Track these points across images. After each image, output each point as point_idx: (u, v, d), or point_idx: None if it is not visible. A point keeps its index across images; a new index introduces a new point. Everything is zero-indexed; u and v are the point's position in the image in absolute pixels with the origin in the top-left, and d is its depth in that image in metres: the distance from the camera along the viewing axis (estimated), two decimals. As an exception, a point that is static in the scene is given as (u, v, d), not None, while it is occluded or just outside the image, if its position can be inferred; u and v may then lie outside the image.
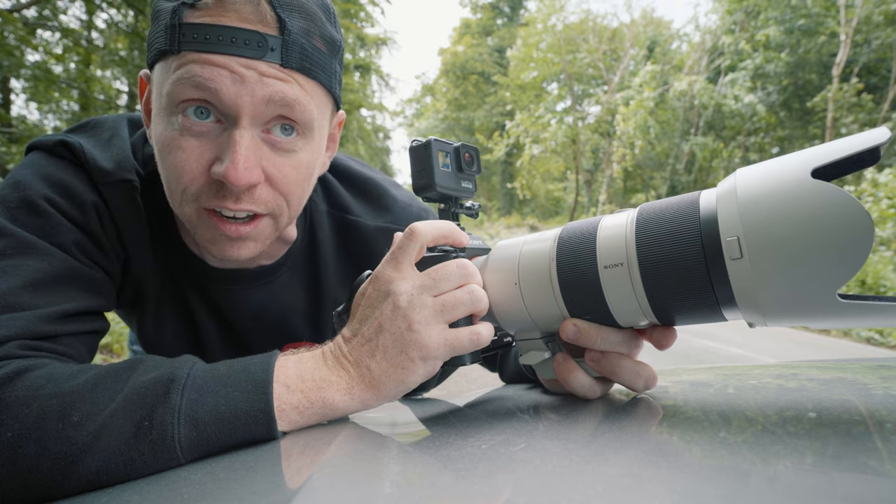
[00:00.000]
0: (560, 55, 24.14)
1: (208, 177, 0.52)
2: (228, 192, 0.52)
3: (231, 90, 0.49)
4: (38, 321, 0.47)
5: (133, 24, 8.52)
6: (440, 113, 32.87)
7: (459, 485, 0.29)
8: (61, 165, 0.58)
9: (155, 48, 0.52)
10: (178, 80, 0.49)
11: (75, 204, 0.56)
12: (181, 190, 0.54)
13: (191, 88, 0.49)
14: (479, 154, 0.58)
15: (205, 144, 0.52)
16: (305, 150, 0.56)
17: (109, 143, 0.62)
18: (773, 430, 0.33)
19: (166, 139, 0.52)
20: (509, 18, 32.93)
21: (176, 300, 0.70)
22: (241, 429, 0.41)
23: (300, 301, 0.74)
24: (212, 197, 0.53)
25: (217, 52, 0.48)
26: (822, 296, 0.32)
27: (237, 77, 0.49)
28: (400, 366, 0.45)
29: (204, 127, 0.51)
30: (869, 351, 5.82)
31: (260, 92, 0.50)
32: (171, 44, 0.49)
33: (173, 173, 0.53)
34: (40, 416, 0.39)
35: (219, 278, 0.68)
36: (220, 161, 0.51)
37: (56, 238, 0.53)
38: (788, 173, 0.33)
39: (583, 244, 0.43)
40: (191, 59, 0.49)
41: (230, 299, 0.70)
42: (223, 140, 0.52)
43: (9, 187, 0.55)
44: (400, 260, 0.47)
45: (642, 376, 0.46)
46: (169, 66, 0.51)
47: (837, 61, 14.78)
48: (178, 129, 0.51)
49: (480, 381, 3.71)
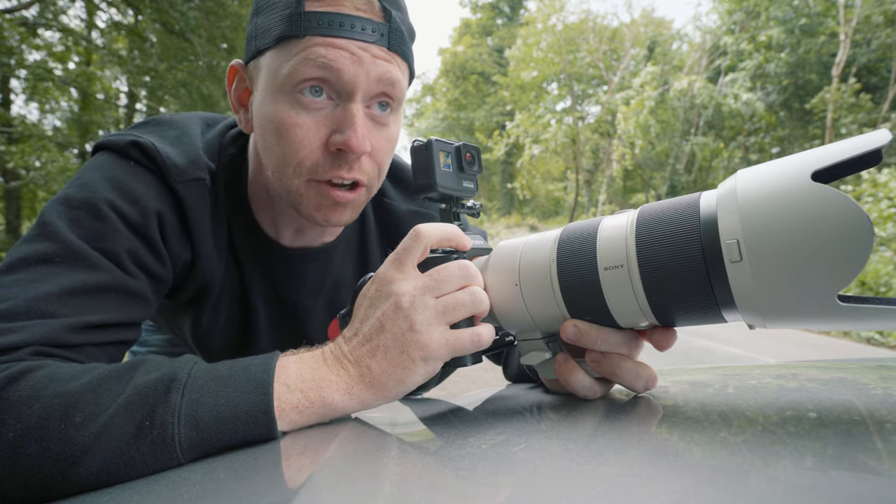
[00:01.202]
0: (560, 55, 24.14)
1: (324, 150, 0.58)
2: (344, 161, 0.58)
3: (351, 69, 0.55)
4: (61, 330, 0.47)
5: (133, 23, 8.51)
6: (440, 113, 32.86)
7: (459, 484, 0.29)
8: (129, 169, 0.58)
9: (272, 35, 0.56)
10: (303, 60, 0.55)
11: (138, 209, 0.56)
12: (296, 164, 0.58)
13: (314, 68, 0.55)
14: (480, 153, 0.58)
15: (320, 120, 0.57)
16: (395, 125, 0.63)
17: (180, 141, 0.64)
18: (773, 431, 0.33)
19: (281, 118, 0.57)
20: (509, 18, 32.92)
21: (235, 287, 0.72)
22: (242, 429, 0.41)
23: (350, 277, 0.79)
24: (328, 168, 0.58)
25: (339, 37, 0.55)
26: (821, 299, 0.32)
27: (356, 58, 0.55)
28: (401, 366, 0.45)
29: (319, 104, 0.57)
30: (869, 351, 5.82)
31: (373, 71, 0.56)
32: (295, 29, 0.55)
33: (290, 148, 0.57)
34: (42, 417, 0.39)
35: (289, 257, 0.72)
36: (338, 132, 0.57)
37: (108, 244, 0.53)
38: (789, 176, 0.33)
39: (583, 246, 0.43)
40: (315, 43, 0.54)
41: (294, 277, 0.73)
42: (338, 114, 0.57)
43: (75, 186, 0.56)
44: (403, 261, 0.48)
45: (642, 377, 0.46)
46: (289, 50, 0.56)
47: (837, 61, 14.78)
48: (296, 107, 0.57)
49: (480, 380, 3.71)
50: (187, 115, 0.69)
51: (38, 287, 0.47)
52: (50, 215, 0.52)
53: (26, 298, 0.46)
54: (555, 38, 24.19)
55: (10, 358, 0.43)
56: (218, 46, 8.95)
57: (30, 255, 0.49)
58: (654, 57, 23.62)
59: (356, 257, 0.79)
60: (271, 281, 0.73)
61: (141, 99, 10.72)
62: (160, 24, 8.40)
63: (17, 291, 0.47)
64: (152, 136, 0.62)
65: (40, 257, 0.49)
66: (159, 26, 8.46)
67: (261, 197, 0.69)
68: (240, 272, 0.71)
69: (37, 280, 0.48)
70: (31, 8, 7.54)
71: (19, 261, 0.49)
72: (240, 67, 0.64)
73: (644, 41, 24.30)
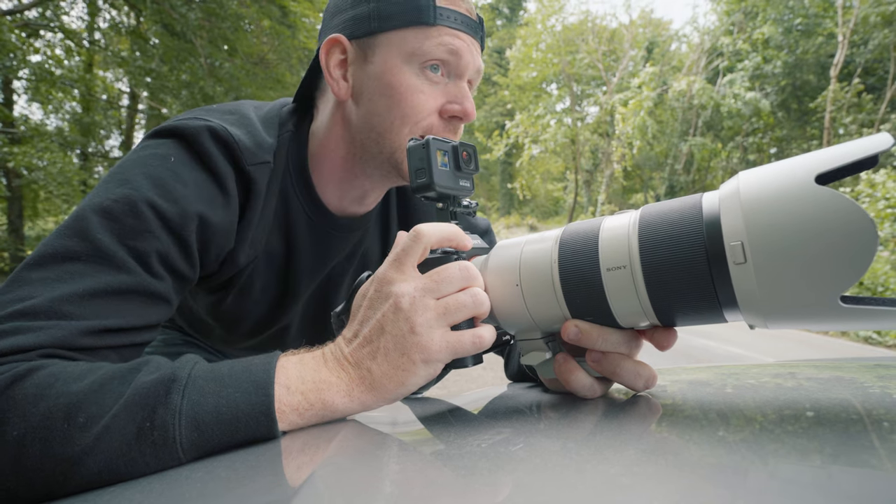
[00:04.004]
0: (559, 56, 24.14)
1: (438, 115, 0.69)
2: (455, 126, 0.70)
3: (467, 56, 0.68)
4: (78, 333, 0.46)
5: (135, 25, 8.50)
6: (440, 113, 32.73)
7: (459, 483, 0.29)
8: (177, 164, 0.58)
9: (402, 19, 0.66)
10: (438, 44, 0.66)
11: (177, 209, 0.55)
12: (413, 123, 0.67)
13: (444, 52, 0.66)
14: (477, 152, 0.58)
15: (438, 91, 0.68)
16: None
17: (242, 124, 0.66)
18: (772, 429, 0.33)
19: (409, 85, 0.67)
20: (508, 19, 32.92)
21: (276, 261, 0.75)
22: (242, 430, 0.41)
23: (374, 247, 0.86)
24: (442, 130, 0.69)
25: (462, 31, 0.68)
26: (824, 301, 0.33)
27: (470, 49, 0.69)
28: (401, 368, 0.45)
29: (438, 79, 0.68)
30: (866, 350, 5.83)
31: (476, 61, 0.70)
32: (431, 18, 0.66)
33: (411, 109, 0.67)
34: (46, 416, 0.39)
35: (340, 226, 0.77)
36: (454, 103, 0.69)
37: (139, 243, 0.52)
38: (792, 179, 0.33)
39: (585, 246, 0.43)
40: (445, 33, 0.66)
41: (341, 245, 0.79)
42: (452, 88, 0.69)
43: (116, 181, 0.55)
44: (403, 261, 0.47)
45: (642, 376, 0.46)
46: (423, 33, 0.66)
47: (835, 62, 14.79)
48: (420, 77, 0.67)
49: (480, 380, 3.71)
50: (237, 102, 0.72)
51: (61, 287, 0.47)
52: (85, 210, 0.52)
53: (48, 298, 0.46)
54: (554, 38, 24.20)
55: (20, 358, 0.43)
56: (219, 47, 8.94)
57: (59, 252, 0.49)
58: (652, 58, 23.62)
59: (380, 230, 0.87)
60: (317, 248, 0.77)
61: (142, 100, 10.71)
62: (161, 25, 8.39)
63: (41, 290, 0.46)
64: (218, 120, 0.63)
65: (69, 254, 0.49)
66: (160, 27, 8.45)
67: (328, 167, 0.73)
68: (287, 244, 0.74)
69: (62, 279, 0.48)
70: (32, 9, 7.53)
71: (49, 255, 0.49)
72: (343, 41, 0.69)
73: (643, 42, 24.31)
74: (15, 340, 0.43)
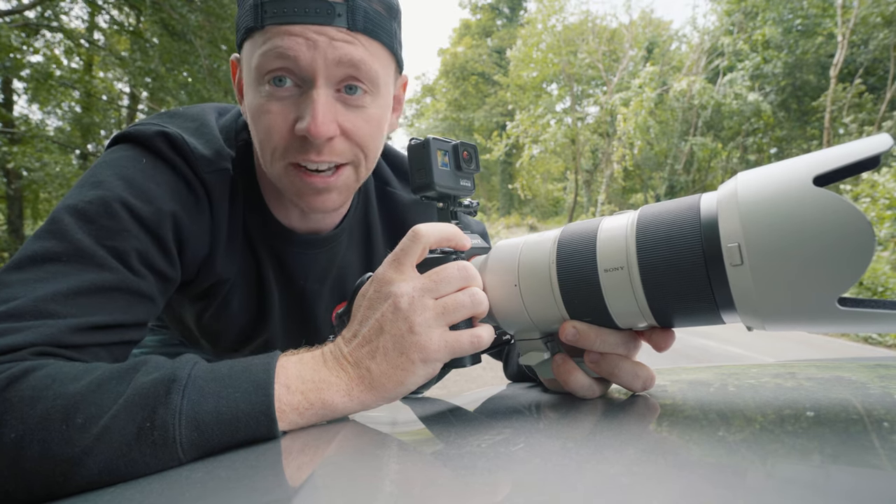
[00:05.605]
0: (560, 56, 24.15)
1: (293, 134, 0.59)
2: (311, 145, 0.59)
3: (307, 55, 0.55)
4: (66, 331, 0.46)
5: (135, 24, 8.50)
6: (440, 113, 32.85)
7: (459, 483, 0.29)
8: (143, 167, 0.58)
9: (243, 28, 0.59)
10: (264, 53, 0.56)
11: (152, 209, 0.56)
12: (272, 149, 0.60)
13: (273, 59, 0.56)
14: (478, 151, 0.58)
15: (287, 107, 0.58)
16: (374, 106, 0.62)
17: (201, 132, 0.65)
18: (772, 429, 0.33)
19: (256, 106, 0.59)
20: (509, 19, 32.92)
21: (250, 274, 0.73)
22: (243, 430, 0.41)
23: (355, 263, 0.81)
24: (297, 151, 0.59)
25: (293, 23, 0.55)
26: (822, 304, 0.33)
27: (311, 43, 0.55)
28: (400, 367, 0.45)
29: (285, 92, 0.58)
30: (866, 350, 5.82)
31: (331, 55, 0.56)
32: (256, 20, 0.56)
33: (265, 134, 0.59)
34: (44, 418, 0.39)
35: (299, 243, 0.73)
36: (301, 119, 0.58)
37: (117, 243, 0.53)
38: (790, 180, 0.33)
39: (583, 247, 0.43)
40: (273, 33, 0.55)
41: (304, 264, 0.75)
42: (302, 101, 0.58)
43: (88, 184, 0.55)
44: (402, 261, 0.48)
45: (640, 377, 0.46)
46: (256, 43, 0.57)
47: (835, 62, 14.80)
48: (266, 96, 0.58)
49: (480, 380, 3.71)
50: (200, 106, 0.70)
51: (44, 286, 0.47)
52: (61, 213, 0.52)
53: (32, 298, 0.46)
54: (554, 38, 24.20)
55: (13, 358, 0.43)
56: (219, 48, 8.95)
57: (38, 253, 0.49)
58: (652, 58, 23.63)
59: (361, 245, 0.81)
60: (282, 266, 0.74)
61: (142, 100, 10.73)
62: (161, 25, 8.39)
63: (24, 291, 0.46)
64: (175, 127, 0.62)
65: (48, 255, 0.49)
66: (160, 28, 8.45)
67: (266, 181, 0.70)
68: (255, 258, 0.72)
69: (43, 279, 0.48)
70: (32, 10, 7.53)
71: (28, 258, 0.49)
72: (236, 61, 0.66)
73: (643, 42, 24.31)
74: (4, 341, 0.43)
